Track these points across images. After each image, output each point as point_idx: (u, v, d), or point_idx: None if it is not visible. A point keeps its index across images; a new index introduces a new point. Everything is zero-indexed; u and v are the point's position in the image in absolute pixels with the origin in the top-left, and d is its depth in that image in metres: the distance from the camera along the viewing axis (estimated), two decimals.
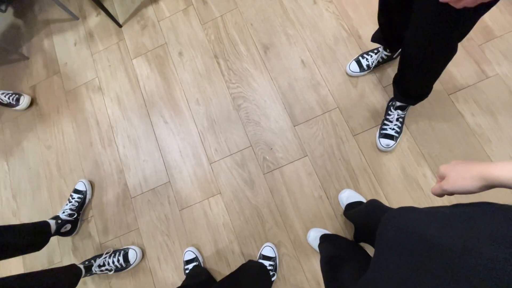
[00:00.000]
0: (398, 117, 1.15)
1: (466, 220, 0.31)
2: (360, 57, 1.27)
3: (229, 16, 1.47)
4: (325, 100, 1.29)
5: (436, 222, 0.33)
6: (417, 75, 0.93)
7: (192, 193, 1.29)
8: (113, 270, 1.20)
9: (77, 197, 1.30)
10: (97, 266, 1.18)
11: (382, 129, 1.18)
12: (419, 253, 0.31)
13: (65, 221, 1.23)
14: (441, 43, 0.75)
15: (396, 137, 1.17)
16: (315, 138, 1.26)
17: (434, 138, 1.17)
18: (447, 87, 1.21)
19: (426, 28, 0.72)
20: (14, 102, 1.49)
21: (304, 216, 1.19)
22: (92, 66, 1.55)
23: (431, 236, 0.31)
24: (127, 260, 1.21)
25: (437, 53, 0.80)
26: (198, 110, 1.38)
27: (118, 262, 1.20)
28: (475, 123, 1.15)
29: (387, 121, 1.17)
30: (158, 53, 1.50)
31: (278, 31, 1.41)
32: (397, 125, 1.16)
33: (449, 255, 0.28)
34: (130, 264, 1.21)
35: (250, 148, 1.29)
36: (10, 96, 1.49)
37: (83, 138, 1.45)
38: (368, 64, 1.25)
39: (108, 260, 1.20)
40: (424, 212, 0.37)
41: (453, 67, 1.23)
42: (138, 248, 1.24)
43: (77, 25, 1.65)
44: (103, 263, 1.19)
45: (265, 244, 1.16)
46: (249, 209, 1.23)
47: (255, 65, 1.39)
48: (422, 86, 0.99)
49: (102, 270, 1.19)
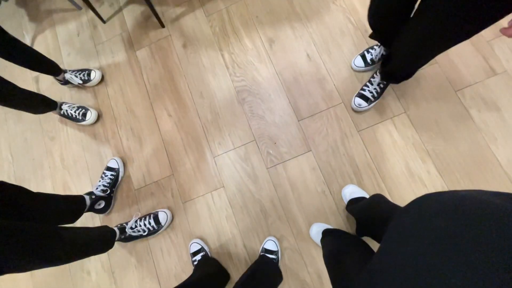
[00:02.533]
0: (380, 83, 1.16)
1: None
2: (366, 51, 1.26)
3: (234, 8, 1.45)
4: (330, 95, 1.28)
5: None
6: (408, 62, 0.96)
7: (196, 186, 1.30)
8: (146, 232, 1.22)
9: (110, 174, 1.31)
10: (130, 228, 1.20)
11: (362, 89, 1.21)
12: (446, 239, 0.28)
13: (99, 197, 1.24)
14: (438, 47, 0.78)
15: (371, 100, 1.18)
16: (320, 133, 1.25)
17: (439, 134, 1.16)
18: (454, 83, 1.20)
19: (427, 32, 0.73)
20: (80, 117, 1.41)
21: (307, 210, 1.19)
22: (96, 57, 1.54)
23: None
24: (158, 222, 1.23)
25: (431, 53, 0.82)
26: (202, 103, 1.37)
27: (150, 225, 1.22)
28: (481, 120, 1.14)
29: (369, 83, 1.20)
30: (162, 45, 1.48)
31: (283, 24, 1.39)
32: (376, 89, 1.17)
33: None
34: (161, 226, 1.23)
35: (254, 142, 1.29)
36: (77, 110, 1.41)
37: (86, 130, 1.45)
38: (372, 58, 1.24)
39: (139, 222, 1.22)
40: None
41: (461, 63, 1.21)
42: (168, 210, 1.26)
43: (80, 15, 1.63)
44: (135, 225, 1.22)
45: (267, 238, 1.17)
46: (252, 203, 1.23)
47: (260, 58, 1.37)
48: (409, 71, 1.02)
49: (135, 232, 1.20)
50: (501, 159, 1.10)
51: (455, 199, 0.32)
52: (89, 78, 1.46)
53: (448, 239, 0.28)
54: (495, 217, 0.26)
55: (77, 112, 1.40)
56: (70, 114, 1.40)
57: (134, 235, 1.21)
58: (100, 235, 1.05)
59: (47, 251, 0.76)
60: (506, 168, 1.10)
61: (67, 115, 1.41)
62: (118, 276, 1.26)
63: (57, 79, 1.45)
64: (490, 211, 0.27)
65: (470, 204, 0.30)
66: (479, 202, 0.29)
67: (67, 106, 1.41)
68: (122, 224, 1.22)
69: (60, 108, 1.40)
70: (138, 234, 1.21)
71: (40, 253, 0.74)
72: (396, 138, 1.19)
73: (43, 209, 0.94)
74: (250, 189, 1.25)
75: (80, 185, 1.39)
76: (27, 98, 1.21)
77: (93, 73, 1.46)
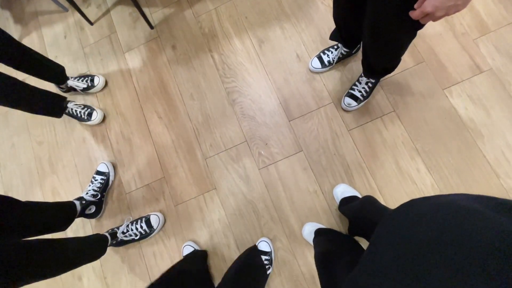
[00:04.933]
0: (368, 82, 1.18)
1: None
2: (322, 53, 1.28)
3: (223, 9, 1.45)
4: (321, 94, 1.28)
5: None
6: (378, 56, 0.95)
7: (187, 188, 1.29)
8: (138, 236, 1.21)
9: (100, 178, 1.29)
10: (121, 233, 1.19)
11: (351, 89, 1.22)
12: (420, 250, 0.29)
13: (89, 202, 1.22)
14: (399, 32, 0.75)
15: (360, 99, 1.20)
16: (310, 133, 1.25)
17: (427, 132, 1.18)
18: (441, 81, 1.21)
19: (383, 18, 0.72)
20: (86, 117, 1.37)
21: (299, 210, 1.19)
22: (83, 60, 1.52)
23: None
24: (150, 225, 1.21)
25: (396, 41, 0.80)
26: (192, 105, 1.36)
27: (141, 229, 1.21)
28: (468, 118, 1.16)
29: (358, 82, 1.21)
30: (151, 46, 1.47)
31: (273, 24, 1.39)
32: (365, 88, 1.18)
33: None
34: (154, 230, 1.22)
35: (245, 143, 1.29)
36: (83, 109, 1.37)
37: (75, 134, 1.43)
38: (329, 60, 1.26)
39: (131, 227, 1.21)
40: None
41: (448, 61, 1.23)
42: (160, 213, 1.25)
43: (67, 17, 1.60)
44: (126, 229, 1.20)
45: (260, 239, 1.17)
46: (245, 204, 1.23)
47: (250, 59, 1.37)
48: (386, 64, 1.01)
49: (127, 236, 1.19)
50: (488, 155, 1.12)
51: (435, 205, 0.33)
52: (93, 84, 1.41)
53: (426, 246, 0.28)
54: (470, 223, 0.27)
55: (83, 111, 1.35)
56: (75, 112, 1.35)
57: (126, 239, 1.19)
58: (91, 243, 1.04)
59: (38, 266, 0.75)
60: (493, 164, 1.12)
61: (72, 113, 1.36)
62: (110, 282, 1.25)
63: (60, 86, 1.41)
64: (466, 216, 0.28)
65: (448, 210, 0.31)
66: (457, 208, 0.30)
67: (73, 104, 1.35)
68: (113, 229, 1.21)
69: (66, 106, 1.35)
70: (130, 239, 1.20)
71: (30, 269, 0.73)
72: (386, 137, 1.20)
73: (33, 219, 0.92)
74: (242, 190, 1.25)
75: (69, 190, 1.37)
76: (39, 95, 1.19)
77: (96, 79, 1.42)
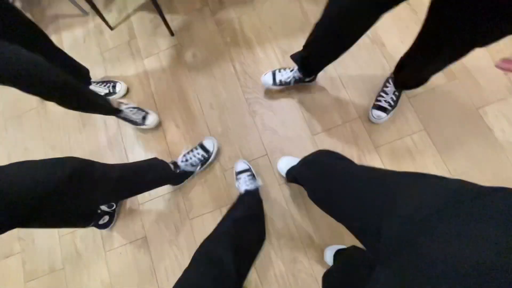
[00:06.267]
0: (394, 91, 1.14)
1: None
2: (277, 70, 1.24)
3: (246, 18, 1.42)
4: (346, 109, 1.23)
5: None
6: (416, 71, 0.96)
7: (203, 201, 1.23)
8: (199, 163, 1.21)
9: (201, 154, 1.22)
10: (181, 162, 1.18)
11: (377, 100, 1.17)
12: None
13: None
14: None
15: (389, 110, 1.15)
16: (335, 148, 1.18)
17: (460, 153, 1.12)
18: (475, 100, 1.16)
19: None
20: (141, 121, 1.29)
21: (322, 231, 1.13)
22: (101, 64, 1.49)
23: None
24: (206, 150, 1.22)
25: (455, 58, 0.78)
26: (211, 114, 1.32)
27: (199, 155, 1.20)
28: (506, 140, 1.10)
29: (383, 93, 1.16)
30: (171, 53, 1.44)
31: (297, 35, 1.35)
32: (392, 98, 1.14)
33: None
34: (211, 153, 1.22)
35: (265, 157, 1.23)
36: (136, 112, 1.28)
37: (90, 139, 1.39)
38: (281, 80, 1.22)
39: (188, 156, 1.20)
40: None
41: (482, 79, 1.17)
42: (213, 137, 1.25)
43: (87, 21, 1.59)
44: (185, 159, 1.19)
45: (237, 162, 1.20)
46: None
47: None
48: (420, 79, 1.00)
49: (187, 165, 1.18)
50: None
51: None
52: (114, 91, 1.37)
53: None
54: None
55: (137, 114, 1.28)
56: (129, 117, 1.27)
57: (188, 170, 1.18)
58: (151, 165, 1.04)
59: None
60: None
61: (127, 118, 1.27)
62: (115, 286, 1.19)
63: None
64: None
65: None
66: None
67: (125, 106, 1.25)
68: (172, 160, 1.20)
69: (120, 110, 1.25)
70: (192, 169, 1.20)
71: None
72: (416, 156, 1.14)
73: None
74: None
75: None
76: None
77: (118, 86, 1.38)
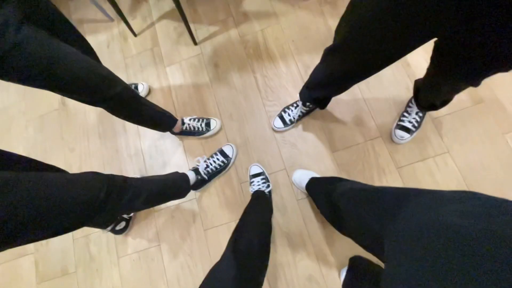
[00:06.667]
0: (418, 112, 1.13)
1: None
2: (283, 112, 1.26)
3: (269, 31, 1.43)
4: (368, 127, 1.22)
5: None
6: (435, 93, 0.96)
7: (219, 213, 1.22)
8: (219, 169, 1.23)
9: (221, 160, 1.23)
10: (203, 169, 1.20)
11: (400, 120, 1.17)
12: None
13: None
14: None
15: (412, 131, 1.14)
16: (355, 167, 1.18)
17: (485, 178, 1.09)
18: (501, 124, 1.14)
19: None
20: (204, 128, 1.29)
21: (339, 249, 1.11)
22: (124, 70, 1.51)
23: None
24: (225, 155, 1.24)
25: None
26: (231, 125, 1.32)
27: (219, 161, 1.22)
28: None
29: (406, 113, 1.16)
30: (193, 62, 1.45)
31: (320, 50, 1.35)
32: (415, 119, 1.14)
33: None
34: (230, 158, 1.24)
35: (284, 171, 1.23)
36: (199, 121, 1.29)
37: (108, 143, 1.40)
38: (291, 118, 1.24)
39: (208, 162, 1.22)
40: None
41: (509, 104, 1.15)
42: (232, 144, 1.27)
43: (112, 27, 1.62)
44: (206, 165, 1.21)
45: (251, 165, 1.23)
46: (280, 237, 1.16)
47: (295, 83, 1.33)
48: (443, 99, 0.99)
49: (208, 171, 1.21)
50: None
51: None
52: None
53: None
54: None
55: (199, 123, 1.28)
56: (193, 127, 1.28)
57: (206, 175, 1.20)
58: (174, 181, 1.06)
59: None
60: None
61: (189, 129, 1.28)
62: None
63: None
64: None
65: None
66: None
67: (188, 119, 1.28)
68: (194, 167, 1.21)
69: (183, 123, 1.27)
70: (211, 173, 1.22)
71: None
72: (438, 179, 1.12)
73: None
74: (278, 221, 1.17)
75: None
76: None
77: (140, 86, 1.41)
